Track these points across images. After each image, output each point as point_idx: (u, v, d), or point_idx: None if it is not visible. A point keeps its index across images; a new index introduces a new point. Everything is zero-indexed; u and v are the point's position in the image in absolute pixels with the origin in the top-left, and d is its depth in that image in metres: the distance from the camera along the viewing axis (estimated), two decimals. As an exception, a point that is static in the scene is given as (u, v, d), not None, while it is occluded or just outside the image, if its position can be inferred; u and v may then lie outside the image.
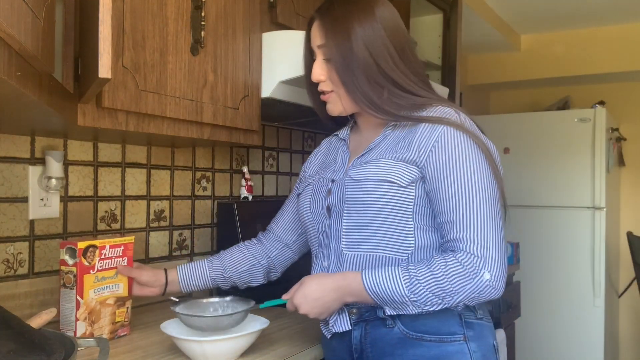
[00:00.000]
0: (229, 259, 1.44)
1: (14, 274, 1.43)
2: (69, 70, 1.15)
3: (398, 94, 1.18)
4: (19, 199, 1.45)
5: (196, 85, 1.42)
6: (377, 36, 1.17)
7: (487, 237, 1.07)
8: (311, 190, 1.30)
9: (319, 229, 1.26)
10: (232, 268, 1.42)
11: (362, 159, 1.22)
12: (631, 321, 4.15)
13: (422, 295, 1.07)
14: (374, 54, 1.17)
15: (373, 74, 1.17)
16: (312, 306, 1.14)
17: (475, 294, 1.07)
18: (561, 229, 3.67)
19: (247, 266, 1.43)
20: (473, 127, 1.17)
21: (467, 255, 1.06)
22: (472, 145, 1.12)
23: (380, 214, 1.14)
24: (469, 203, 1.09)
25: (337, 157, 1.31)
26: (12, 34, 0.68)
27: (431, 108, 1.18)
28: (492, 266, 1.06)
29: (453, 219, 1.09)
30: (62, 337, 0.90)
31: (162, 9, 1.32)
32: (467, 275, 1.06)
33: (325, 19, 1.21)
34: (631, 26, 3.73)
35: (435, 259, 1.09)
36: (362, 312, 1.18)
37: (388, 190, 1.13)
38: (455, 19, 2.74)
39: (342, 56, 1.17)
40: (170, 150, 1.85)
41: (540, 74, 4.03)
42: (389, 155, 1.17)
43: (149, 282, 1.37)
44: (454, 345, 1.13)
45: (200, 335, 1.19)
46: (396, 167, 1.14)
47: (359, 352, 1.19)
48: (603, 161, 3.57)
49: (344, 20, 1.18)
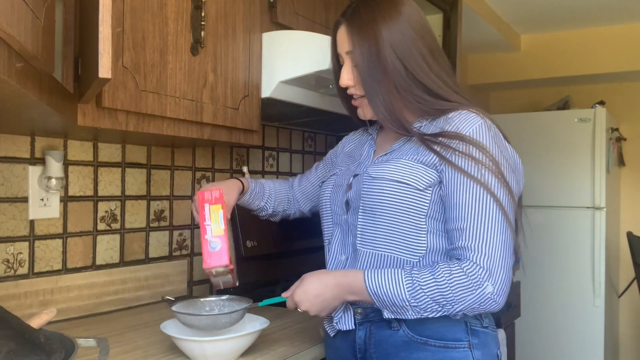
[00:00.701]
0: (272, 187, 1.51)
1: (14, 274, 1.43)
2: (69, 70, 1.15)
3: (426, 100, 1.16)
4: (19, 199, 1.45)
5: (196, 85, 1.42)
6: (405, 39, 1.14)
7: (495, 250, 1.06)
8: (334, 182, 1.30)
9: (335, 220, 1.26)
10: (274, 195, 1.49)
11: (385, 157, 1.21)
12: (631, 321, 4.15)
13: (422, 302, 1.06)
14: (402, 58, 1.14)
15: (401, 80, 1.14)
16: (312, 303, 1.14)
17: (475, 305, 1.06)
18: (561, 229, 3.67)
19: (284, 196, 1.51)
20: (498, 135, 1.15)
21: (473, 265, 1.05)
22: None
23: (393, 214, 1.13)
24: (481, 213, 1.07)
25: (364, 150, 1.31)
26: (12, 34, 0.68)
27: (455, 113, 1.15)
28: (496, 279, 1.05)
29: (463, 227, 1.08)
30: (62, 337, 0.90)
31: (162, 9, 1.32)
32: (470, 286, 1.04)
33: (352, 24, 1.18)
34: (631, 26, 3.73)
35: (440, 266, 1.07)
36: (368, 312, 1.18)
37: (403, 191, 1.12)
38: (455, 19, 2.74)
39: (367, 64, 1.15)
40: (170, 150, 1.85)
41: (540, 74, 4.02)
42: (411, 156, 1.15)
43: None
44: (458, 351, 1.13)
45: (200, 335, 1.19)
46: (415, 169, 1.13)
47: (362, 352, 1.19)
48: (603, 161, 3.57)
49: (371, 25, 1.15)
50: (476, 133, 1.11)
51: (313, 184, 1.49)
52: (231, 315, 1.20)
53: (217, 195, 1.21)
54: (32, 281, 1.46)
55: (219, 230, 1.18)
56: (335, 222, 1.26)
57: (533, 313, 3.66)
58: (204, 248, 1.19)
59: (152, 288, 1.76)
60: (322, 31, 1.83)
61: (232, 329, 1.27)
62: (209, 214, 1.19)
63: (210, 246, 1.18)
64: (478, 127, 1.12)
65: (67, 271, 1.55)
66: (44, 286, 1.48)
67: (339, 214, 1.24)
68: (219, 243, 1.18)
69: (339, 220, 1.25)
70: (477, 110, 1.16)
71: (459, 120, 1.13)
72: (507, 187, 1.10)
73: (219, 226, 1.18)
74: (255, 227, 1.94)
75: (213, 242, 1.18)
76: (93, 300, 1.60)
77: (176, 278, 1.84)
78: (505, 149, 1.15)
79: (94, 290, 1.60)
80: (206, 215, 1.19)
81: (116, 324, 1.50)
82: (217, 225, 1.18)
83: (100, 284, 1.62)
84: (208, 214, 1.19)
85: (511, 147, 1.18)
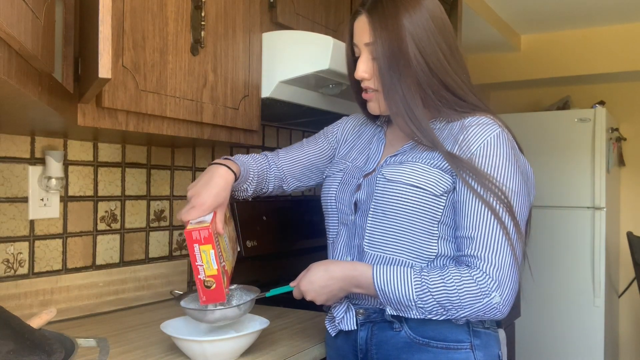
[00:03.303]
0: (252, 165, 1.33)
1: (14, 274, 1.43)
2: (69, 70, 1.15)
3: (445, 98, 1.13)
4: (19, 199, 1.45)
5: (196, 85, 1.42)
6: (428, 34, 1.11)
7: (505, 261, 1.05)
8: (340, 179, 1.26)
9: (341, 220, 1.24)
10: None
11: (397, 157, 1.18)
12: (631, 321, 4.15)
13: (429, 304, 1.06)
14: (424, 53, 1.10)
15: (423, 75, 1.11)
16: (318, 293, 1.14)
17: (480, 313, 1.06)
18: (561, 229, 3.67)
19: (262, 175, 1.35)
20: (514, 144, 1.13)
21: (483, 274, 1.05)
22: (508, 163, 1.09)
23: (407, 218, 1.12)
24: (493, 222, 1.06)
25: (372, 142, 1.28)
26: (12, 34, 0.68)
27: (472, 118, 1.12)
28: (503, 290, 1.05)
29: (474, 235, 1.06)
30: (62, 337, 0.90)
31: (162, 9, 1.32)
32: (479, 294, 1.04)
33: (374, 15, 1.13)
34: (631, 26, 3.73)
35: (450, 270, 1.07)
36: (370, 312, 1.18)
37: (419, 196, 1.10)
38: (455, 19, 2.74)
39: (389, 57, 1.11)
40: (170, 150, 1.85)
41: (540, 74, 4.02)
42: (427, 160, 1.12)
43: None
44: (460, 353, 1.12)
45: (201, 335, 1.19)
46: (432, 174, 1.11)
47: (364, 352, 1.19)
48: (603, 161, 3.57)
49: (394, 17, 1.10)
50: (494, 142, 1.09)
51: (304, 165, 1.37)
52: (241, 307, 1.19)
53: (205, 235, 1.11)
54: (32, 281, 1.45)
55: (211, 271, 1.12)
56: (341, 221, 1.24)
57: (533, 313, 3.66)
58: (198, 287, 1.14)
59: (152, 288, 1.76)
60: (322, 31, 1.83)
61: (232, 329, 1.27)
62: (200, 255, 1.11)
63: (205, 285, 1.13)
64: (495, 136, 1.10)
65: (67, 271, 1.55)
66: (44, 286, 1.48)
67: (346, 213, 1.22)
68: (213, 282, 1.13)
69: (345, 220, 1.23)
70: (494, 117, 1.13)
71: (477, 126, 1.10)
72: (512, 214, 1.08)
73: (211, 267, 1.12)
74: (255, 227, 1.94)
75: (207, 281, 1.13)
76: (93, 300, 1.60)
77: (176, 278, 1.84)
78: (520, 158, 1.14)
79: (94, 290, 1.60)
80: (197, 256, 1.12)
81: (116, 324, 1.50)
82: (209, 266, 1.12)
83: (100, 284, 1.62)
84: (199, 255, 1.11)
85: (523, 157, 1.16)
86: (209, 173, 1.20)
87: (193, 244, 1.11)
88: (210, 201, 1.16)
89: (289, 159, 1.38)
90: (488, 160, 1.08)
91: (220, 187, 1.18)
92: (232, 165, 1.23)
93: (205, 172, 1.22)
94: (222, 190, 1.18)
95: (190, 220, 1.14)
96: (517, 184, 1.09)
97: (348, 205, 1.22)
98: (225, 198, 1.20)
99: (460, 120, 1.13)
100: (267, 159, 1.37)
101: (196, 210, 1.14)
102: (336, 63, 1.52)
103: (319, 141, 1.39)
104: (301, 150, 1.39)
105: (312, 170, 1.38)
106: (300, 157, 1.38)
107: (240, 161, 1.28)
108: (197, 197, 1.16)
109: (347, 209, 1.22)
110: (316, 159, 1.38)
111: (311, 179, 1.39)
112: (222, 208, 1.19)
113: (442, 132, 1.15)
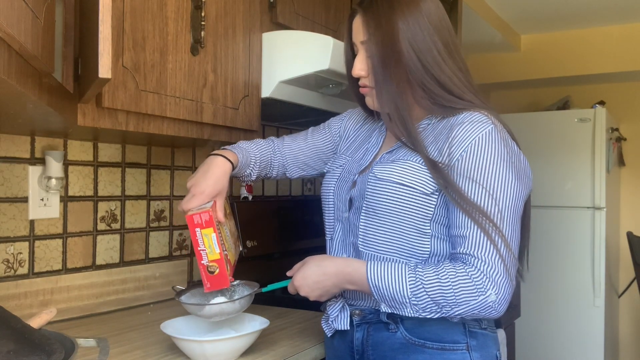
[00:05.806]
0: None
1: (14, 274, 1.43)
2: (69, 70, 1.15)
3: (438, 95, 1.13)
4: (19, 199, 1.45)
5: (196, 85, 1.42)
6: (423, 33, 1.11)
7: (499, 259, 1.03)
8: (339, 174, 1.27)
9: (337, 216, 1.25)
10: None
11: (390, 155, 1.18)
12: (631, 321, 4.15)
13: (423, 301, 1.04)
14: (418, 51, 1.11)
15: (415, 72, 1.11)
16: (312, 288, 1.14)
17: (476, 311, 1.04)
18: (561, 229, 3.67)
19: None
20: (508, 139, 1.12)
21: (478, 272, 1.03)
22: (500, 160, 1.08)
23: (397, 217, 1.11)
24: (485, 221, 1.04)
25: (373, 135, 1.29)
26: (12, 34, 0.68)
27: (466, 114, 1.11)
28: (500, 289, 1.03)
29: (466, 234, 1.05)
30: (62, 337, 0.90)
31: (162, 9, 1.32)
32: (475, 292, 1.03)
33: (368, 14, 1.15)
34: (631, 26, 3.73)
35: (445, 266, 1.05)
36: (366, 313, 1.18)
37: (409, 195, 1.10)
38: (455, 19, 2.74)
39: (382, 55, 1.12)
40: (170, 150, 1.85)
41: (540, 74, 4.02)
42: (418, 158, 1.12)
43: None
44: (456, 353, 1.12)
45: (201, 335, 1.19)
46: (422, 171, 1.10)
47: (360, 353, 1.19)
48: (603, 161, 3.57)
49: (388, 16, 1.12)
50: (483, 140, 1.08)
51: (306, 155, 1.40)
52: (240, 301, 1.19)
53: (206, 218, 1.13)
54: (32, 281, 1.46)
55: (214, 255, 1.13)
56: (336, 217, 1.25)
57: (533, 313, 3.66)
58: (202, 274, 1.15)
59: (152, 288, 1.76)
60: (322, 31, 1.83)
61: (232, 329, 1.27)
62: (202, 239, 1.13)
63: (209, 270, 1.14)
64: (486, 134, 1.09)
65: (67, 271, 1.55)
66: (44, 286, 1.48)
67: (342, 210, 1.23)
68: (216, 267, 1.14)
69: (340, 216, 1.23)
70: (489, 112, 1.13)
71: (469, 124, 1.09)
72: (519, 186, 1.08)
73: (213, 251, 1.13)
74: (255, 227, 1.94)
75: (211, 266, 1.14)
76: (93, 300, 1.60)
77: (176, 278, 1.84)
78: (514, 153, 1.12)
79: (94, 290, 1.60)
80: (199, 240, 1.13)
81: (116, 324, 1.50)
82: (212, 250, 1.13)
83: (100, 284, 1.62)
84: (201, 240, 1.13)
85: (519, 151, 1.15)
86: (207, 164, 1.24)
87: (195, 228, 1.14)
88: (209, 189, 1.19)
89: (293, 149, 1.41)
90: (477, 160, 1.07)
91: (218, 175, 1.22)
92: (230, 155, 1.26)
93: (204, 163, 1.26)
94: (220, 179, 1.22)
95: (191, 209, 1.16)
96: (508, 182, 1.07)
97: (344, 202, 1.23)
98: (224, 186, 1.23)
99: (455, 117, 1.13)
100: (273, 145, 1.41)
101: (196, 199, 1.18)
102: (336, 63, 1.52)
103: (322, 132, 1.42)
104: (305, 140, 1.42)
105: (315, 160, 1.41)
106: (304, 148, 1.41)
107: (240, 149, 1.31)
108: (196, 186, 1.20)
109: (343, 205, 1.23)
110: (319, 150, 1.40)
111: (314, 169, 1.43)
112: (221, 197, 1.22)
113: (435, 129, 1.15)
